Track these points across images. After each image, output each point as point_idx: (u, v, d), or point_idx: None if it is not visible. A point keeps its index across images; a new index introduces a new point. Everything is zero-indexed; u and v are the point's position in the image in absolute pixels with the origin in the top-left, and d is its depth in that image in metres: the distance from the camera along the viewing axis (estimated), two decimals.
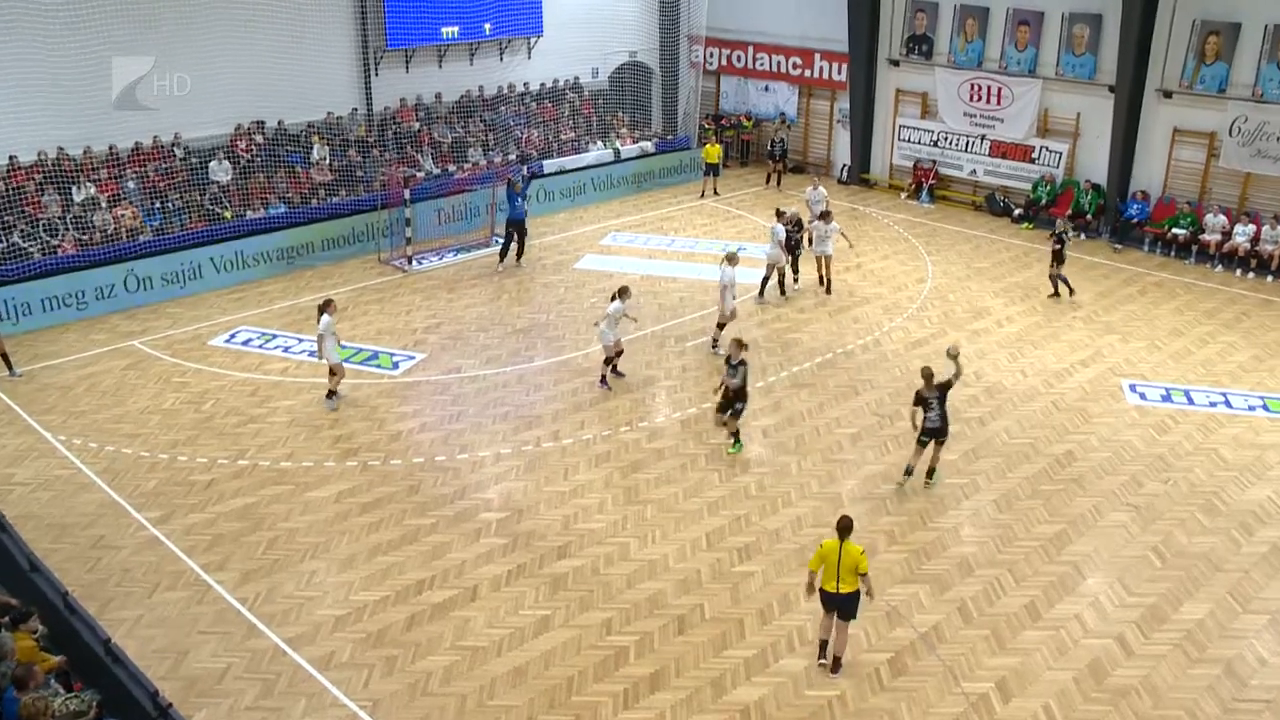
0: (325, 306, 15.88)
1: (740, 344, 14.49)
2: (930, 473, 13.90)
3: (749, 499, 13.74)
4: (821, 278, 20.88)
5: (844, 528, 10.41)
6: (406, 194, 22.23)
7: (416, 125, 26.27)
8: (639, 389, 16.81)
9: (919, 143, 28.86)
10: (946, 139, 28.22)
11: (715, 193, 28.19)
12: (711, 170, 28.08)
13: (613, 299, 16.64)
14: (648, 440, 15.19)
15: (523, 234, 22.27)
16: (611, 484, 14.05)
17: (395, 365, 17.63)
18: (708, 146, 27.87)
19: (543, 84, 29.38)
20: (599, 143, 29.02)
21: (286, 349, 18.22)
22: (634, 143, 29.65)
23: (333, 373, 16.08)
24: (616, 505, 13.56)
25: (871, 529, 13.03)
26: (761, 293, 20.28)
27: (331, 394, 16.09)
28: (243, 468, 14.34)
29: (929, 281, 22.07)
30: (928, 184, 28.48)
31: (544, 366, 17.56)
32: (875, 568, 11.94)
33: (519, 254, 22.41)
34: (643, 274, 22.13)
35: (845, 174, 30.62)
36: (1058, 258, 20.45)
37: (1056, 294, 20.69)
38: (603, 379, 16.67)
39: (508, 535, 12.90)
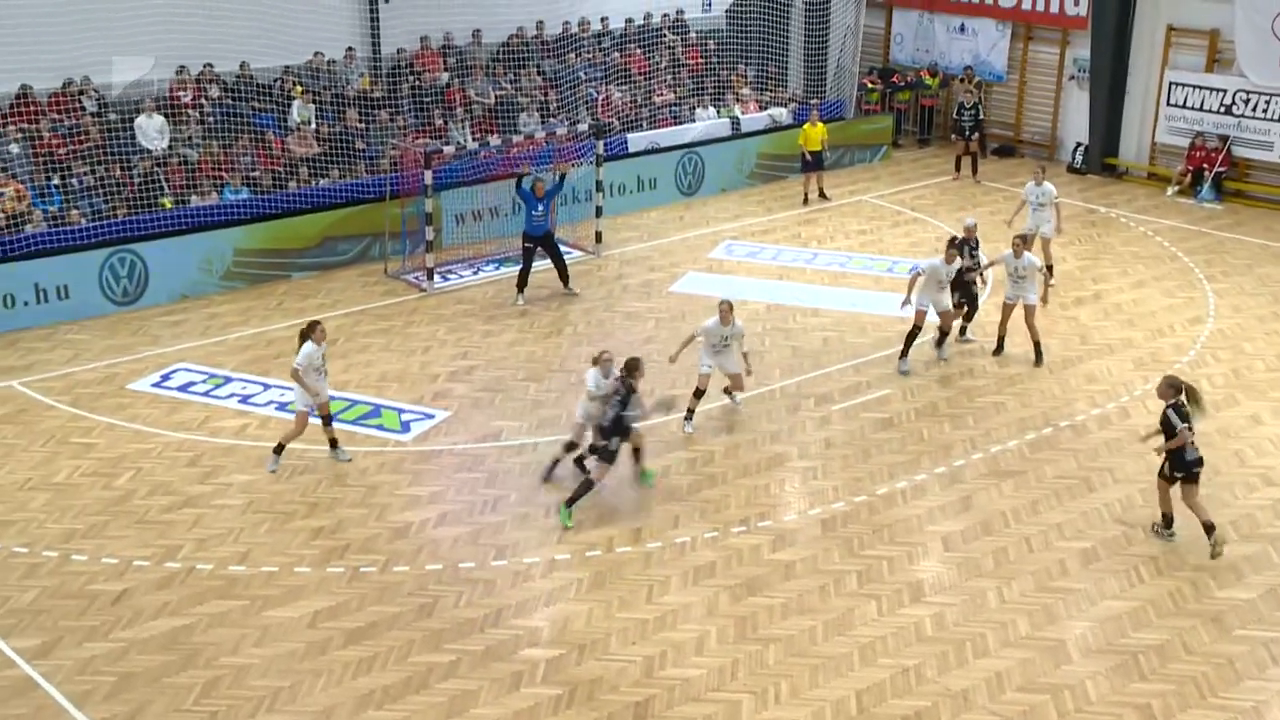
0: (308, 330, 16.47)
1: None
2: (1210, 532, 15.15)
3: (923, 641, 13.70)
4: (1030, 335, 20.21)
5: None
6: (428, 178, 22.77)
7: (445, 77, 27.14)
8: (761, 471, 17.01)
9: (1200, 109, 28.78)
10: (1248, 102, 28.08)
11: (822, 195, 28.44)
12: (812, 162, 28.10)
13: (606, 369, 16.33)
14: (772, 548, 15.30)
15: (554, 249, 22.66)
16: (717, 611, 14.13)
17: (405, 427, 18.03)
18: (806, 127, 28.08)
19: (629, 20, 30.14)
20: (710, 109, 29.60)
21: (245, 399, 18.80)
22: (761, 109, 30.13)
23: (328, 421, 16.70)
24: (724, 643, 13.61)
25: (1117, 699, 12.92)
26: (904, 354, 19.95)
27: (280, 449, 16.67)
28: (172, 573, 14.69)
29: (1210, 322, 21.90)
30: (1212, 173, 28.33)
31: None
32: None
33: (561, 274, 22.80)
34: (770, 302, 22.47)
35: (1081, 158, 30.65)
36: None
37: None
38: (549, 467, 16.55)
39: (562, 683, 13.01)
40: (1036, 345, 20.18)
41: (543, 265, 22.61)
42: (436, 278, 23.16)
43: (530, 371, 19.77)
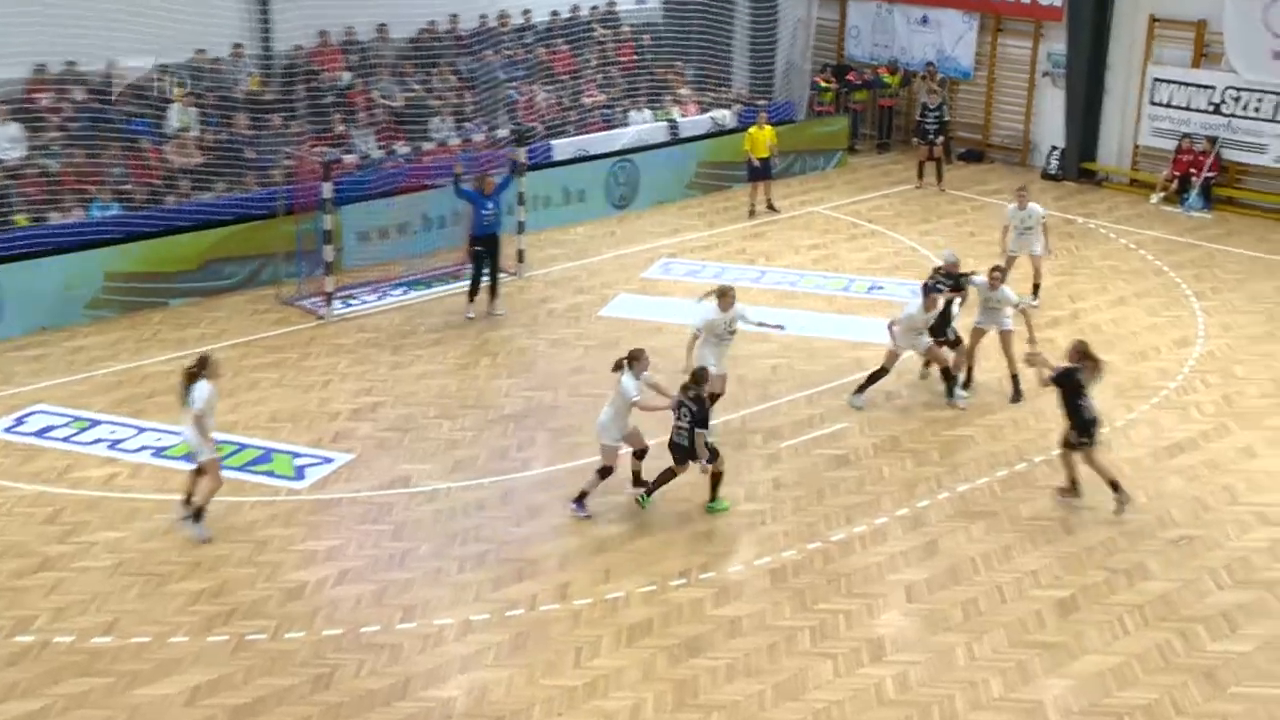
0: (201, 366, 16.23)
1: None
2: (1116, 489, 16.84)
3: (885, 705, 13.67)
4: (1007, 366, 20.34)
5: None
6: (327, 190, 22.67)
7: (346, 77, 27.08)
8: (703, 517, 17.00)
9: (1187, 108, 29.20)
10: (1239, 101, 28.52)
11: (771, 207, 28.61)
12: (760, 170, 28.23)
13: (620, 367, 16.96)
14: (715, 602, 15.26)
15: (496, 256, 22.89)
16: (654, 675, 14.06)
17: (300, 474, 17.92)
18: (752, 131, 28.23)
19: (554, 13, 30.18)
20: (645, 111, 29.78)
21: (115, 444, 18.56)
22: (702, 112, 30.28)
23: (201, 472, 16.36)
24: (662, 711, 13.53)
25: None
26: (861, 389, 19.94)
27: (200, 513, 16.34)
28: (23, 648, 14.39)
29: (1198, 343, 22.15)
30: (1200, 178, 28.67)
31: (547, 477, 17.82)
32: None
33: (492, 289, 22.94)
34: None
35: (1056, 163, 30.98)
36: None
37: None
38: (579, 499, 16.98)
39: None
40: (1014, 379, 20.10)
41: (455, 287, 22.55)
42: (336, 303, 23.06)
43: (443, 408, 19.70)
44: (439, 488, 17.50)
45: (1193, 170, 28.78)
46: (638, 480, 17.31)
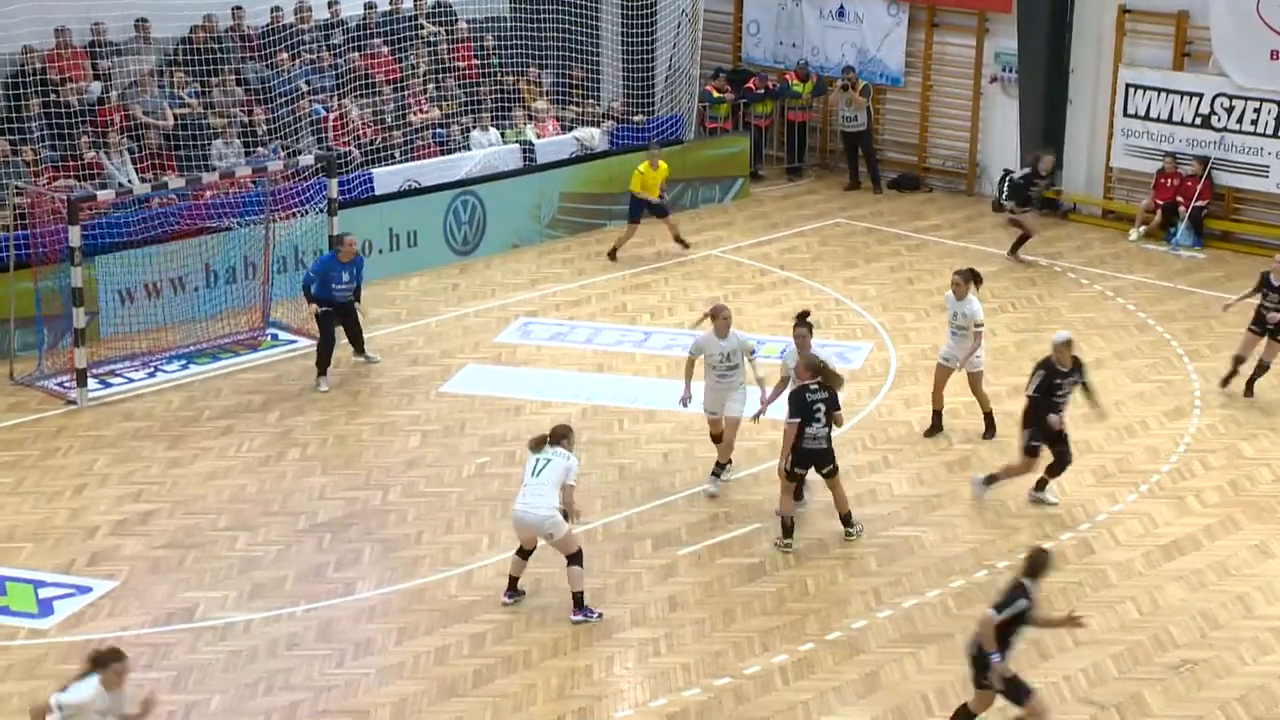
0: None
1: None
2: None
3: None
4: (980, 404, 21.46)
5: None
6: (75, 236, 22.30)
7: (96, 89, 26.84)
8: (579, 647, 16.90)
9: (1169, 120, 29.77)
10: (1231, 111, 29.07)
11: (680, 241, 28.98)
12: (656, 207, 28.58)
13: (544, 444, 17.27)
14: None
15: (354, 321, 23.30)
16: None
17: (47, 609, 17.70)
18: (643, 168, 28.48)
19: (370, 6, 30.14)
20: (491, 130, 29.89)
21: None
22: (564, 130, 30.47)
23: None
24: None
25: None
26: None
27: None
28: None
29: (1195, 415, 22.49)
30: (1189, 208, 29.16)
31: (377, 603, 17.72)
32: None
33: (356, 341, 23.43)
34: (586, 402, 22.72)
35: (1007, 190, 31.15)
36: None
37: None
38: (510, 589, 17.68)
39: None
40: (988, 416, 21.23)
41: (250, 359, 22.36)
42: (92, 383, 22.82)
43: (238, 516, 19.54)
44: (234, 620, 17.24)
45: (1179, 198, 29.30)
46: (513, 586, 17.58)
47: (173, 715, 15.59)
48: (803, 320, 19.46)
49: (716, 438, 20.05)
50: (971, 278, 21.02)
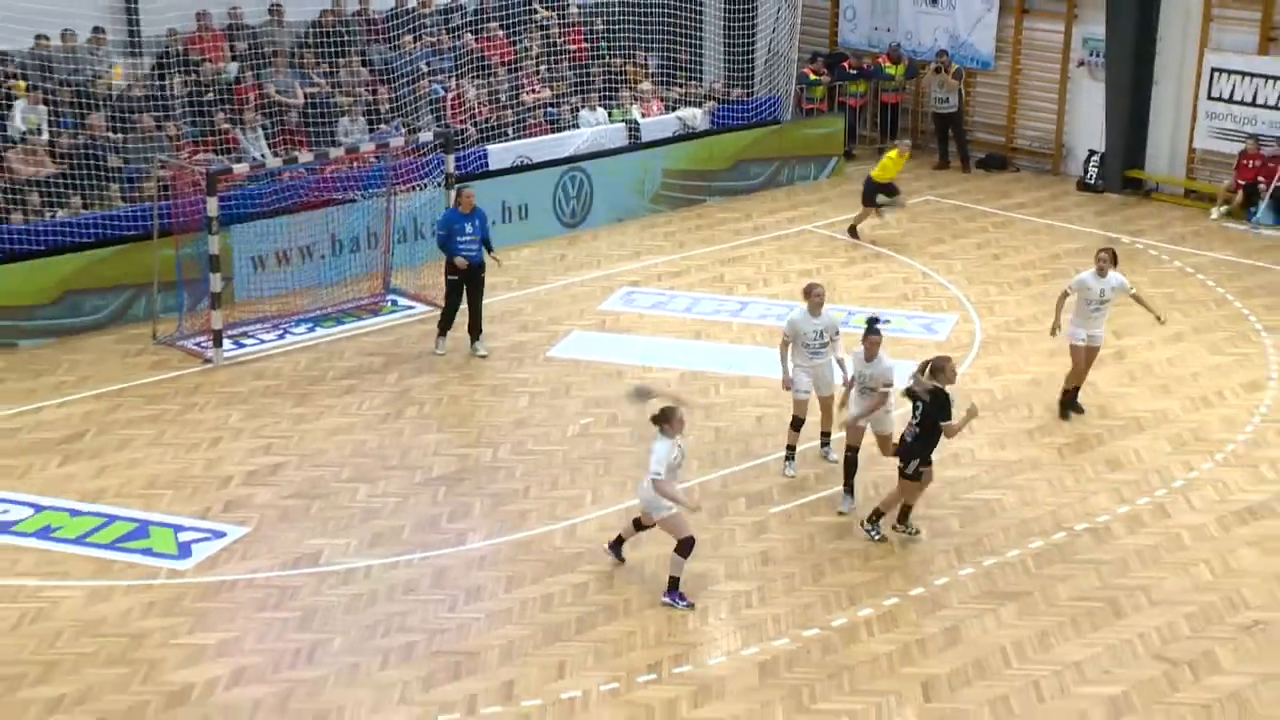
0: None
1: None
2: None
3: None
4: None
5: None
6: (213, 207, 22.70)
7: (233, 69, 27.35)
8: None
9: (1253, 104, 29.91)
10: None
11: (852, 232, 28.91)
12: (887, 188, 28.69)
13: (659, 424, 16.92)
14: (693, 702, 15.22)
15: (479, 288, 23.41)
16: None
17: (185, 551, 18.09)
18: (892, 155, 28.81)
19: None
20: (599, 110, 30.29)
21: None
22: (668, 110, 30.88)
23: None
24: None
25: None
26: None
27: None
28: None
29: (1271, 387, 22.65)
30: (1270, 188, 29.32)
31: (487, 553, 18.08)
32: None
33: (475, 326, 23.48)
34: (684, 369, 23.03)
35: (1096, 171, 31.40)
36: None
37: None
38: (615, 544, 17.82)
39: None
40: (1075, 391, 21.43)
41: (372, 323, 22.94)
42: (226, 343, 23.36)
43: (359, 469, 20.00)
44: (355, 566, 17.64)
45: (1261, 179, 29.44)
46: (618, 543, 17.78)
47: (299, 653, 15.87)
48: (873, 328, 18.85)
49: (800, 421, 19.74)
50: (1114, 257, 21.17)
